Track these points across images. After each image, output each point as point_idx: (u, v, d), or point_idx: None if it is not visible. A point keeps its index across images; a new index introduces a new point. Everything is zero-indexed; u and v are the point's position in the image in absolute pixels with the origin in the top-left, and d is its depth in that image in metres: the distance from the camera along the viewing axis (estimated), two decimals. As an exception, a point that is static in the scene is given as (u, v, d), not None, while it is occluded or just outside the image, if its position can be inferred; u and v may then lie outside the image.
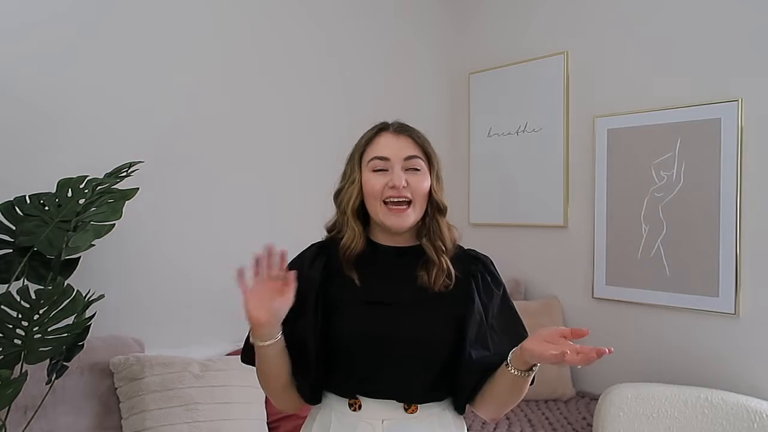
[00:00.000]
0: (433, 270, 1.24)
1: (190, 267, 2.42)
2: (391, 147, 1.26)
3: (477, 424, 2.39)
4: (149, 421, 1.96)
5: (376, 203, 1.25)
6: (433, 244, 1.26)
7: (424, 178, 1.27)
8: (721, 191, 2.30)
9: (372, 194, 1.25)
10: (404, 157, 1.26)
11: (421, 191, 1.25)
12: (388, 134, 1.29)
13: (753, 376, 2.23)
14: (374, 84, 2.97)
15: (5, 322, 1.66)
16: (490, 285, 1.29)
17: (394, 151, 1.26)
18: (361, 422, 1.22)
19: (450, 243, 1.28)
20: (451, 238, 1.29)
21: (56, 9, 2.15)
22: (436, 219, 1.28)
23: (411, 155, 1.26)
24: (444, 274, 1.24)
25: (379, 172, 1.25)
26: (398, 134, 1.29)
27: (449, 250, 1.27)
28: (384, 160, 1.25)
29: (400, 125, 1.31)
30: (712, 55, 2.35)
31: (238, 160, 2.55)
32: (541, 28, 2.94)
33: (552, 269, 2.91)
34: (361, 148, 1.30)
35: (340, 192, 1.31)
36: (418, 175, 1.26)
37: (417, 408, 1.22)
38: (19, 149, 2.07)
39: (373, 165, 1.26)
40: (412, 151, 1.27)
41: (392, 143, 1.27)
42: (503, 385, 1.19)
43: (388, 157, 1.25)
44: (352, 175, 1.28)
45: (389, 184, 1.23)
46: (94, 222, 1.78)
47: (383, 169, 1.25)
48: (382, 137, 1.29)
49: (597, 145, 2.69)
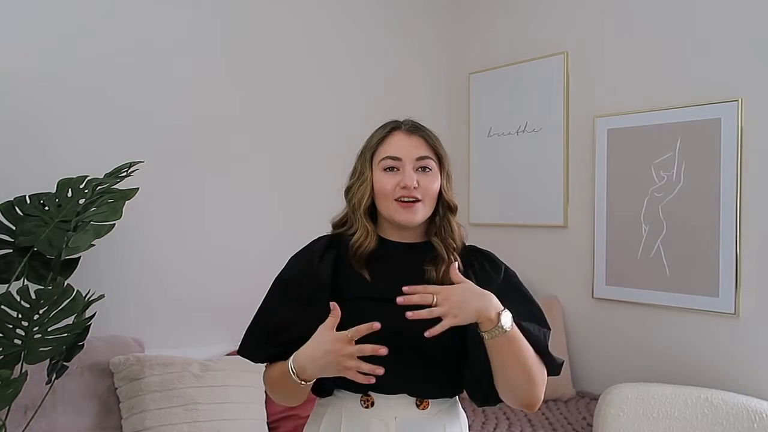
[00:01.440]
0: (441, 266, 1.25)
1: (190, 267, 2.42)
2: (403, 147, 1.26)
3: (477, 424, 2.40)
4: (149, 421, 1.96)
5: (388, 202, 1.25)
6: (444, 242, 1.28)
7: (435, 179, 1.27)
8: (721, 191, 2.30)
9: (383, 194, 1.25)
10: (416, 158, 1.26)
11: (432, 192, 1.26)
12: (400, 134, 1.29)
13: (753, 376, 2.23)
14: (374, 84, 2.97)
15: (5, 322, 1.66)
16: (489, 271, 1.29)
17: (406, 151, 1.26)
18: (373, 419, 1.21)
19: (459, 241, 1.30)
20: (460, 236, 1.31)
21: (56, 9, 2.15)
22: (447, 218, 1.30)
23: (423, 155, 1.27)
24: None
25: (390, 172, 1.26)
26: (410, 134, 1.29)
27: (459, 248, 1.29)
28: (396, 160, 1.25)
29: (413, 124, 1.31)
30: (712, 55, 2.35)
31: (238, 160, 2.55)
32: (541, 28, 2.94)
33: (552, 269, 2.91)
34: (372, 148, 1.30)
35: (350, 189, 1.31)
36: (429, 175, 1.27)
37: (428, 404, 1.23)
38: (19, 149, 2.08)
39: (385, 164, 1.26)
40: (423, 151, 1.27)
41: (404, 143, 1.27)
42: (492, 358, 1.16)
43: (400, 156, 1.25)
44: (363, 174, 1.29)
45: (400, 184, 1.24)
46: (94, 222, 1.78)
47: (395, 168, 1.26)
48: (395, 136, 1.29)
49: (597, 145, 2.69)
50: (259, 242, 2.55)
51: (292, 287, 1.28)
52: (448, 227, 1.29)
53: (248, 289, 1.36)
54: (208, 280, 2.44)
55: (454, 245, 1.27)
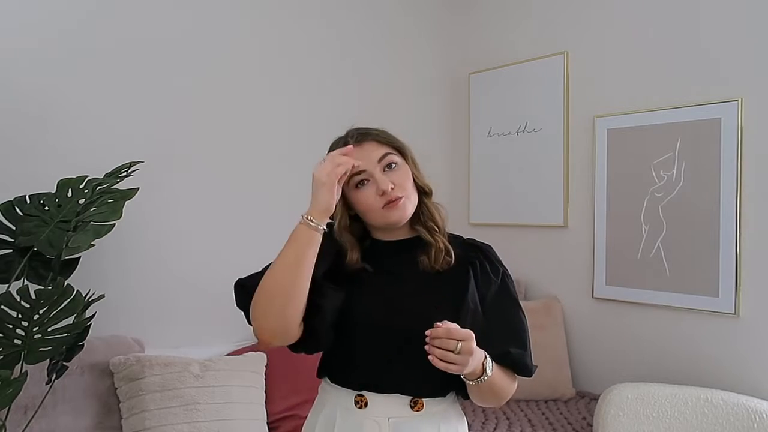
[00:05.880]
0: (431, 251, 1.26)
1: (190, 267, 2.42)
2: (361, 158, 1.23)
3: (477, 424, 2.40)
4: (149, 421, 1.96)
5: (376, 214, 1.25)
6: (425, 225, 1.29)
7: (405, 171, 1.27)
8: (721, 191, 2.30)
9: (369, 209, 1.25)
10: (377, 160, 1.25)
11: (408, 184, 1.27)
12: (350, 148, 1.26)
13: (753, 376, 2.23)
14: (374, 84, 2.97)
15: (5, 322, 1.66)
16: (489, 273, 1.29)
17: (366, 162, 1.24)
18: (367, 420, 1.22)
19: (441, 221, 1.31)
20: (440, 216, 1.31)
21: (56, 9, 2.15)
22: (424, 202, 1.31)
23: (382, 155, 1.26)
24: (443, 252, 1.26)
25: (363, 186, 1.25)
26: (361, 143, 1.27)
27: (441, 228, 1.30)
28: (361, 173, 1.24)
29: (359, 133, 1.29)
30: (712, 55, 2.35)
31: (238, 161, 2.55)
32: (541, 29, 2.94)
33: (552, 269, 2.91)
34: None
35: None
36: (398, 170, 1.26)
37: (423, 405, 1.23)
38: (19, 149, 2.07)
39: (354, 181, 1.25)
40: (381, 151, 1.26)
41: (360, 155, 1.24)
42: (470, 391, 1.24)
43: (363, 168, 1.24)
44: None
45: (378, 192, 1.23)
46: (94, 222, 1.78)
47: (365, 180, 1.25)
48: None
49: (597, 145, 2.69)
50: (260, 242, 2.53)
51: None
52: (426, 211, 1.30)
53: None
54: (208, 280, 2.43)
55: (435, 227, 1.29)
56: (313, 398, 1.36)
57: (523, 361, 1.26)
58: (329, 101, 2.81)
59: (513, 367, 1.26)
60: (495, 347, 1.21)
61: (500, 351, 1.22)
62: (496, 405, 1.30)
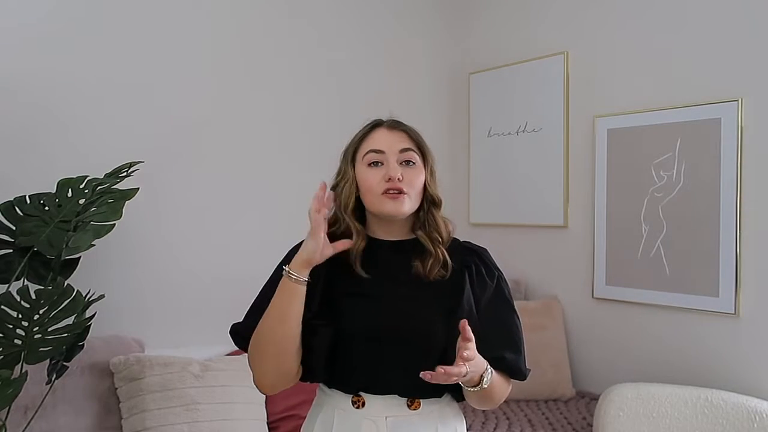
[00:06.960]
0: (428, 260, 1.26)
1: (190, 267, 2.42)
2: (386, 140, 1.27)
3: (477, 424, 2.40)
4: (149, 421, 1.96)
5: (373, 197, 1.26)
6: (429, 235, 1.29)
7: (419, 173, 1.28)
8: (721, 191, 2.30)
9: (369, 188, 1.26)
10: (399, 150, 1.27)
11: (417, 185, 1.27)
12: (382, 129, 1.31)
13: (753, 376, 2.23)
14: (374, 84, 2.96)
15: (5, 322, 1.66)
16: (484, 276, 1.30)
17: (388, 144, 1.27)
18: (364, 420, 1.22)
19: (445, 234, 1.30)
20: (446, 230, 1.31)
21: (55, 9, 2.15)
22: (432, 212, 1.30)
23: (406, 148, 1.28)
24: (439, 264, 1.26)
25: (375, 167, 1.26)
26: (392, 129, 1.30)
27: (445, 241, 1.30)
28: (379, 153, 1.26)
29: (394, 121, 1.33)
30: (712, 55, 2.35)
31: (237, 161, 2.55)
32: (541, 28, 2.94)
33: (552, 269, 2.91)
34: (355, 144, 1.31)
35: (336, 188, 1.32)
36: (413, 168, 1.27)
37: (420, 404, 1.24)
38: (19, 149, 2.07)
39: (369, 158, 1.27)
40: (406, 144, 1.29)
41: (387, 137, 1.28)
42: (467, 396, 1.25)
43: (383, 149, 1.26)
44: (346, 174, 1.29)
45: (385, 177, 1.24)
46: (94, 222, 1.78)
47: (379, 162, 1.26)
48: (377, 132, 1.31)
49: (597, 145, 2.69)
50: (260, 242, 2.54)
51: None
52: (432, 221, 1.30)
53: (249, 289, 1.36)
54: (208, 280, 2.43)
55: (439, 239, 1.29)
56: (312, 398, 1.36)
57: (518, 366, 1.27)
58: (329, 101, 2.81)
59: (508, 372, 1.27)
60: (490, 351, 1.21)
61: (495, 355, 1.23)
62: (491, 408, 1.30)
